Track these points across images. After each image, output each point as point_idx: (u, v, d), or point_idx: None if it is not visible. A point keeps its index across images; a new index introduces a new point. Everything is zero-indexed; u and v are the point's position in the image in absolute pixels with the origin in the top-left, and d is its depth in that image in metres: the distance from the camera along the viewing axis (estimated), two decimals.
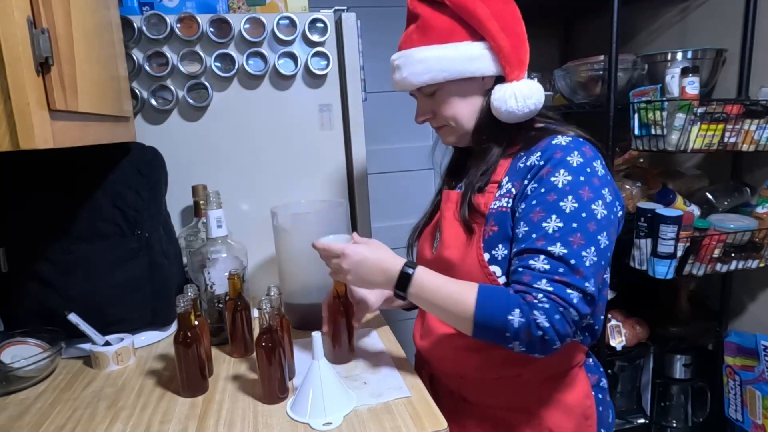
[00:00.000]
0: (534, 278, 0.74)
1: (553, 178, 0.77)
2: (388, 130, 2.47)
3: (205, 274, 1.04)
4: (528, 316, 0.72)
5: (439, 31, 0.84)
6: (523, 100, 0.82)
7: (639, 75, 1.62)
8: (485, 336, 0.77)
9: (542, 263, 0.74)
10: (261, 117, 1.32)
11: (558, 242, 0.74)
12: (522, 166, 0.83)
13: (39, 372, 0.95)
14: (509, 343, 0.75)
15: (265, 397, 0.84)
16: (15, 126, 0.59)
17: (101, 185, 1.05)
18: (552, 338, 0.73)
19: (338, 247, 0.85)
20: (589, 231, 0.75)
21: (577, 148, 0.79)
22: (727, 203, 1.56)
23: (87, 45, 0.81)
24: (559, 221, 0.75)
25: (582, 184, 0.76)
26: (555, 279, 0.73)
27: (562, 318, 0.72)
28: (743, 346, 1.60)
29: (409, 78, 0.87)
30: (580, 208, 0.75)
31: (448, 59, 0.83)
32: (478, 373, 0.89)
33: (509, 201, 0.82)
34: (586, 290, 0.74)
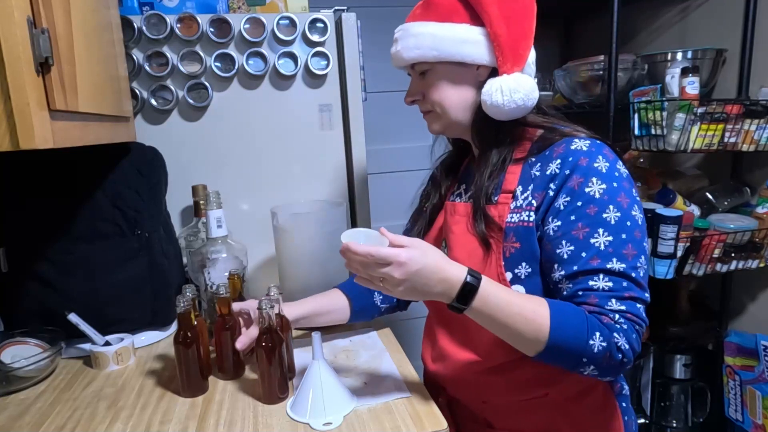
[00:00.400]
0: (602, 299, 0.70)
1: (588, 189, 0.72)
2: (388, 130, 2.47)
3: (205, 274, 1.04)
4: (610, 339, 0.68)
5: (442, 8, 0.81)
6: (510, 94, 0.77)
7: (639, 75, 1.62)
8: (553, 359, 0.71)
9: (604, 282, 0.70)
10: (261, 117, 1.32)
11: (614, 257, 0.71)
12: (538, 174, 0.77)
13: (39, 372, 0.95)
14: (582, 367, 0.70)
15: (265, 397, 0.84)
16: (15, 126, 0.59)
17: (101, 185, 1.05)
18: (629, 360, 0.70)
19: (387, 253, 0.69)
20: (637, 239, 0.72)
21: (599, 152, 0.74)
22: (727, 203, 1.56)
23: (87, 45, 0.81)
24: (608, 235, 0.71)
25: (617, 191, 0.73)
26: (624, 296, 0.70)
27: (638, 336, 0.70)
28: (743, 346, 1.59)
29: (401, 52, 0.84)
30: (623, 216, 0.72)
31: (440, 38, 0.80)
32: (503, 397, 0.84)
33: (531, 214, 0.76)
34: (647, 301, 0.72)
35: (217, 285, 0.92)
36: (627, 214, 0.72)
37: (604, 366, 0.70)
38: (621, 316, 0.70)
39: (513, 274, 0.77)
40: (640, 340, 0.71)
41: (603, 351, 0.69)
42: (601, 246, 0.71)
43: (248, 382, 0.92)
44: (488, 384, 0.84)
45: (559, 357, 0.71)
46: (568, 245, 0.73)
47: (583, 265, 0.71)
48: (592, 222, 0.72)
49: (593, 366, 0.70)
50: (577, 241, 0.72)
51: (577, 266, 0.72)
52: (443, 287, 0.71)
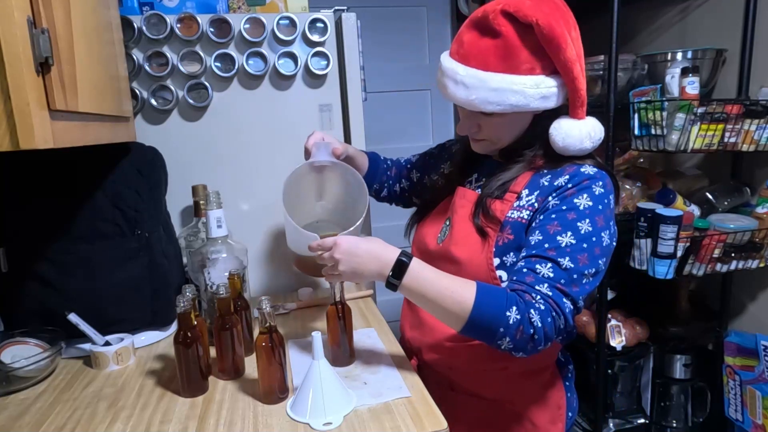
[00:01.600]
0: (537, 281, 0.78)
1: (576, 200, 0.81)
2: (388, 130, 2.47)
3: (205, 274, 1.04)
4: (524, 313, 0.75)
5: (523, 60, 0.79)
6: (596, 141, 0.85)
7: (639, 75, 1.62)
8: (475, 331, 0.78)
9: (548, 270, 0.78)
10: (261, 117, 1.32)
11: (567, 256, 0.78)
12: (546, 184, 0.85)
13: (39, 372, 0.95)
14: (499, 339, 0.77)
15: (264, 397, 0.84)
16: (15, 126, 0.59)
17: (101, 185, 1.05)
18: (540, 339, 0.76)
19: (330, 240, 0.84)
20: (595, 254, 0.80)
21: (601, 180, 0.83)
22: (727, 203, 1.56)
23: (87, 45, 0.81)
24: (573, 239, 0.79)
25: (599, 212, 0.81)
26: (556, 286, 0.78)
27: (553, 323, 0.76)
28: (743, 346, 1.60)
29: (477, 103, 0.82)
30: (593, 232, 0.80)
31: (524, 95, 0.80)
32: (468, 364, 0.94)
33: (530, 214, 0.85)
34: (577, 304, 0.79)
35: (217, 285, 0.92)
36: (596, 233, 0.80)
37: (518, 339, 0.76)
38: (543, 298, 0.77)
39: (500, 260, 0.86)
40: (554, 328, 0.77)
41: (517, 323, 0.75)
42: (562, 243, 0.79)
43: (248, 382, 0.92)
44: (456, 352, 0.93)
45: (480, 329, 0.78)
46: (538, 234, 0.81)
47: (540, 251, 0.80)
48: (565, 224, 0.80)
49: (508, 338, 0.76)
50: (547, 234, 0.81)
51: (536, 251, 0.80)
52: (378, 265, 0.81)
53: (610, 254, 0.84)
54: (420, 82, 2.54)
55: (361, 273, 0.83)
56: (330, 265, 0.85)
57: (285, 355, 0.85)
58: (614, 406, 1.76)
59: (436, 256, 0.93)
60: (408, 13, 2.49)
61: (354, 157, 1.10)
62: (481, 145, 0.93)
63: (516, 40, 0.78)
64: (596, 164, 0.86)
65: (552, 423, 0.97)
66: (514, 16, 0.78)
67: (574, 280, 0.78)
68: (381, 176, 1.20)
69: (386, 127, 2.47)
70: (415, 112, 2.58)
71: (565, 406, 0.99)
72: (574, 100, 0.83)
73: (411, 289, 0.81)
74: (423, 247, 0.99)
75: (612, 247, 0.83)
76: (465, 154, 1.01)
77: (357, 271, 0.83)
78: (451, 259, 0.90)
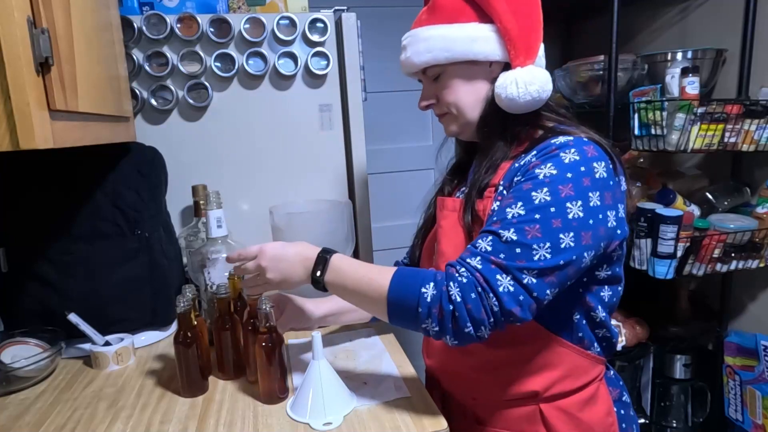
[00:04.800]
0: (470, 254, 0.70)
1: (537, 171, 0.72)
2: (388, 130, 2.47)
3: (205, 274, 1.04)
4: (441, 287, 0.69)
5: (448, 10, 0.80)
6: (525, 87, 0.76)
7: (639, 75, 1.62)
8: (400, 317, 0.73)
9: (486, 243, 0.70)
10: (261, 117, 1.32)
11: (512, 227, 0.69)
12: (517, 165, 0.78)
13: (39, 372, 0.95)
14: (422, 322, 0.70)
15: (264, 397, 0.84)
16: (15, 126, 0.59)
17: (101, 185, 1.05)
18: (463, 316, 0.67)
19: (253, 248, 0.82)
20: (552, 227, 0.68)
21: (576, 146, 0.72)
22: (727, 203, 1.56)
23: (87, 45, 0.81)
24: (522, 209, 0.70)
25: (565, 181, 0.70)
26: (490, 259, 0.68)
27: (478, 299, 0.66)
28: (743, 346, 1.59)
29: (412, 57, 0.83)
30: (551, 201, 0.69)
31: (451, 39, 0.79)
32: (492, 395, 0.84)
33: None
34: (522, 282, 0.67)
35: (217, 285, 0.92)
36: (557, 203, 0.69)
37: (439, 318, 0.68)
38: (468, 270, 0.68)
39: None
40: (481, 307, 0.66)
41: (435, 299, 0.68)
42: (509, 215, 0.70)
43: (248, 382, 0.92)
44: (477, 381, 0.85)
45: (402, 313, 0.72)
46: (494, 214, 0.74)
47: (488, 226, 0.73)
48: (518, 195, 0.72)
49: (430, 318, 0.69)
50: (500, 209, 0.73)
51: (486, 226, 0.73)
52: (303, 267, 0.79)
53: (586, 230, 0.69)
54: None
55: (290, 278, 0.80)
56: (254, 275, 0.82)
57: (285, 355, 0.85)
58: None
59: None
60: (408, 13, 2.47)
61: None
62: (446, 122, 0.88)
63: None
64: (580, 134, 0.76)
65: None
66: None
67: (517, 254, 0.67)
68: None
69: (386, 127, 2.47)
70: (415, 112, 2.56)
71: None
72: (507, 45, 0.78)
73: (334, 284, 0.78)
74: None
75: (594, 224, 0.70)
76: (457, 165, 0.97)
77: (286, 276, 0.80)
78: None
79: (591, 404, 0.82)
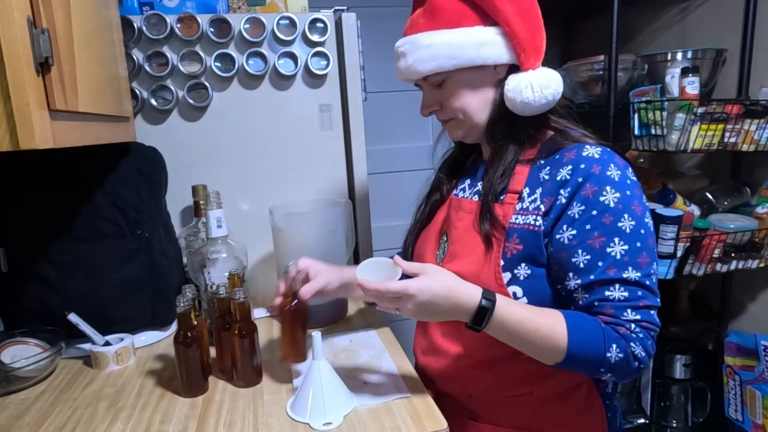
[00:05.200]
0: (617, 310, 0.72)
1: (603, 198, 0.72)
2: (388, 130, 2.46)
3: (205, 274, 1.04)
4: (626, 350, 0.71)
5: (449, 14, 0.78)
6: (540, 90, 0.76)
7: (639, 75, 1.62)
8: (572, 368, 0.74)
9: (620, 292, 0.72)
10: (261, 117, 1.32)
11: (629, 266, 0.71)
12: (547, 177, 0.77)
13: (39, 372, 0.95)
14: (600, 375, 0.74)
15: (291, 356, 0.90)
16: (15, 126, 0.59)
17: (101, 185, 1.05)
18: (646, 364, 0.73)
19: (397, 288, 0.71)
20: (650, 246, 0.73)
21: (611, 160, 0.75)
22: (727, 203, 1.56)
23: (87, 45, 0.81)
24: (624, 244, 0.72)
25: (631, 199, 0.73)
26: (639, 306, 0.72)
27: (653, 342, 0.73)
28: (743, 346, 1.59)
29: (414, 65, 0.80)
30: (637, 224, 0.73)
31: (456, 45, 0.77)
32: (489, 391, 0.85)
33: (538, 218, 0.76)
34: (659, 305, 0.74)
35: (217, 285, 0.92)
36: (641, 222, 0.73)
37: (621, 373, 0.73)
38: (637, 325, 0.71)
39: (512, 274, 0.77)
40: (654, 344, 0.73)
41: (620, 361, 0.71)
42: (617, 255, 0.72)
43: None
44: (475, 378, 0.85)
45: (578, 367, 0.74)
46: (584, 254, 0.73)
47: (599, 275, 0.72)
48: (607, 231, 0.72)
49: (610, 374, 0.73)
50: (594, 250, 0.72)
51: (594, 276, 0.72)
52: (458, 312, 0.73)
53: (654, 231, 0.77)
54: None
55: (439, 318, 0.76)
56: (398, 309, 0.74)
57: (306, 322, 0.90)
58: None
59: None
60: (408, 13, 2.48)
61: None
62: (451, 127, 0.87)
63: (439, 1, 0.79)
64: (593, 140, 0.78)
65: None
66: None
67: (647, 287, 0.72)
68: None
69: (386, 127, 2.47)
70: (415, 112, 2.55)
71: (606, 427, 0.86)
72: (515, 47, 0.77)
73: (496, 332, 0.74)
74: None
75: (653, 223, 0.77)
76: (453, 160, 0.97)
77: (433, 317, 0.77)
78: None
79: (583, 400, 0.85)
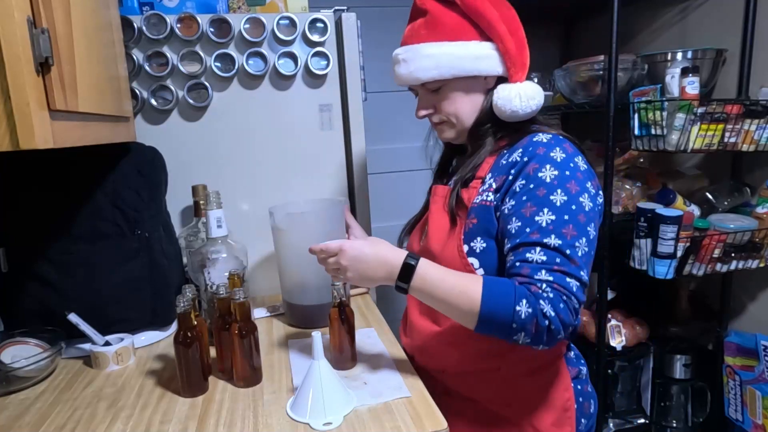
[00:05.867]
0: (533, 270, 0.76)
1: (541, 174, 0.80)
2: (388, 130, 2.46)
3: (205, 274, 1.04)
4: (535, 306, 0.74)
5: (449, 28, 0.86)
6: (527, 101, 0.85)
7: (639, 75, 1.62)
8: (489, 329, 0.77)
9: (539, 255, 0.77)
10: (261, 117, 1.32)
11: (552, 234, 0.77)
12: (504, 162, 0.86)
13: (39, 372, 0.95)
14: (515, 335, 0.75)
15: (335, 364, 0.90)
16: (15, 126, 0.59)
17: (101, 185, 1.05)
18: (557, 327, 0.74)
19: (335, 245, 0.85)
20: (580, 222, 0.78)
21: (558, 145, 0.82)
22: (727, 203, 1.56)
23: (87, 45, 0.81)
24: (552, 214, 0.78)
25: (568, 178, 0.79)
26: (554, 269, 0.76)
27: (566, 306, 0.75)
28: (743, 346, 1.59)
29: (415, 73, 0.88)
30: (569, 200, 0.78)
31: (457, 56, 0.86)
32: (459, 366, 0.92)
33: (489, 195, 0.85)
34: (581, 279, 0.77)
35: (217, 285, 0.92)
36: (573, 200, 0.78)
37: (534, 333, 0.75)
38: (548, 285, 0.75)
39: (469, 247, 0.86)
40: (569, 311, 0.75)
41: (530, 317, 0.74)
42: (543, 223, 0.78)
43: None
44: (447, 354, 0.92)
45: (493, 326, 0.77)
46: (516, 221, 0.80)
47: (524, 238, 0.78)
48: (539, 202, 0.79)
49: (524, 333, 0.75)
50: (524, 218, 0.79)
51: (520, 239, 0.79)
52: (386, 270, 0.82)
53: (597, 217, 0.82)
54: None
55: (370, 278, 0.83)
56: (335, 270, 0.86)
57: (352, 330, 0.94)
58: (614, 406, 1.76)
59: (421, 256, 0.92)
60: (408, 13, 2.49)
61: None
62: (443, 129, 0.95)
63: (441, 11, 0.87)
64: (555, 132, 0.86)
65: (557, 426, 0.91)
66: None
67: (568, 255, 0.76)
68: None
69: (386, 127, 2.47)
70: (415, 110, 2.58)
71: (574, 409, 0.92)
72: (506, 62, 0.87)
73: (420, 290, 0.81)
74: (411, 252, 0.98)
75: (597, 209, 0.82)
76: (443, 162, 1.05)
77: (365, 276, 0.83)
78: (430, 255, 0.89)
79: (550, 380, 0.92)
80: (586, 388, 0.97)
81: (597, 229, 0.82)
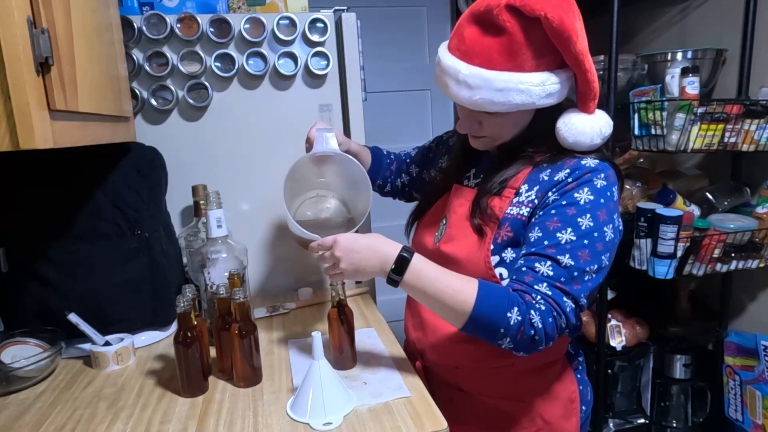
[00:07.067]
0: (536, 280, 0.77)
1: (577, 195, 0.79)
2: (388, 130, 2.47)
3: (205, 274, 1.04)
4: (525, 315, 0.75)
5: (529, 56, 0.76)
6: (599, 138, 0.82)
7: (639, 75, 1.62)
8: (476, 330, 0.78)
9: (547, 268, 0.77)
10: (261, 117, 1.32)
11: (567, 254, 0.77)
12: (546, 179, 0.83)
13: (39, 372, 0.95)
14: (500, 339, 0.76)
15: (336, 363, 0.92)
16: (15, 126, 0.59)
17: (101, 185, 1.05)
18: (540, 339, 0.75)
19: (330, 238, 0.84)
20: (597, 250, 0.78)
21: (603, 171, 0.81)
22: (727, 203, 1.56)
23: (87, 45, 0.81)
24: (573, 235, 0.77)
25: (600, 206, 0.79)
26: (556, 285, 0.76)
27: (554, 322, 0.76)
28: (743, 346, 1.59)
29: (482, 103, 0.79)
30: (594, 227, 0.78)
31: (529, 94, 0.77)
32: (474, 363, 0.92)
33: (524, 209, 0.83)
34: (579, 301, 0.77)
35: (217, 285, 0.93)
36: (598, 228, 0.78)
37: (518, 340, 0.76)
38: (543, 298, 0.76)
39: (500, 257, 0.84)
40: (555, 327, 0.76)
41: (517, 324, 0.74)
42: (562, 240, 0.77)
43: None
44: (461, 351, 0.91)
45: (481, 328, 0.77)
46: (537, 231, 0.80)
47: (540, 249, 0.78)
48: (565, 219, 0.78)
49: (509, 338, 0.76)
50: (547, 231, 0.79)
51: (535, 249, 0.79)
52: (379, 261, 0.80)
53: (614, 249, 0.81)
54: (420, 82, 2.54)
55: (363, 269, 0.82)
56: (331, 264, 0.85)
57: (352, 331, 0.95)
58: (614, 406, 1.76)
59: (434, 255, 0.90)
60: (408, 13, 2.48)
61: (357, 153, 1.10)
62: (481, 142, 0.90)
63: (521, 36, 0.75)
64: (599, 157, 0.83)
65: (565, 418, 0.94)
66: (520, 10, 0.73)
67: (574, 277, 0.76)
68: (384, 171, 1.19)
69: (386, 127, 2.47)
70: (415, 112, 2.58)
71: (578, 400, 0.95)
72: (586, 93, 0.80)
73: (412, 285, 0.80)
74: (421, 247, 0.98)
75: (616, 242, 0.81)
76: (463, 149, 0.98)
77: (358, 267, 0.82)
78: (449, 259, 0.88)
79: (558, 375, 0.94)
80: (584, 377, 1.00)
81: (611, 260, 0.81)
